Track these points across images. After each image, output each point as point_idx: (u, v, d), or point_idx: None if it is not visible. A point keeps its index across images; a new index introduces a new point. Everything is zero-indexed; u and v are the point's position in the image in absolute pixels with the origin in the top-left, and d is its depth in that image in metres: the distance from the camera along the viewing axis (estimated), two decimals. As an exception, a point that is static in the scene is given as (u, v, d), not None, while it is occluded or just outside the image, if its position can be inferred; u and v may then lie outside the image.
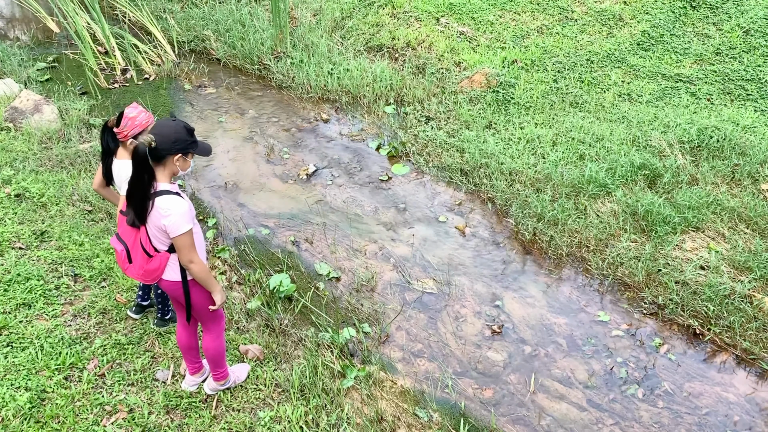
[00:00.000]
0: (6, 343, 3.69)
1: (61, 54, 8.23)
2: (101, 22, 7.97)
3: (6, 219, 4.81)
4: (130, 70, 7.87)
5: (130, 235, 3.06)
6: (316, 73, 7.48)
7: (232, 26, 8.25)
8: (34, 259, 4.45)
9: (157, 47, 8.19)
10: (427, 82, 7.20)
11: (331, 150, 6.55)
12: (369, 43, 8.01)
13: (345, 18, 8.40)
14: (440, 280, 4.92)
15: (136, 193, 2.86)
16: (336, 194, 5.93)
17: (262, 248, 5.26)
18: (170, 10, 8.81)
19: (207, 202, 5.80)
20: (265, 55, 7.88)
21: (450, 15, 7.95)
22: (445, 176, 6.10)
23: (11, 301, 4.01)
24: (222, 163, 6.32)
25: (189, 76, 7.83)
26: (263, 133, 6.79)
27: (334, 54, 7.76)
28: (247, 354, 3.97)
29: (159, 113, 7.03)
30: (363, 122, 6.95)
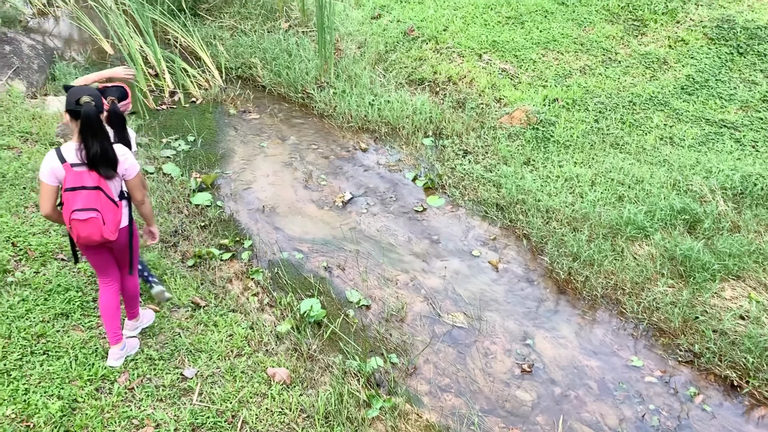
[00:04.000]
0: (43, 351, 3.78)
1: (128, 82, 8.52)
2: (154, 46, 8.26)
3: (51, 231, 4.96)
4: (178, 92, 8.11)
5: (95, 200, 3.31)
6: (358, 104, 7.59)
7: (279, 55, 8.46)
8: (74, 271, 4.57)
9: (206, 72, 8.44)
10: (466, 117, 7.24)
11: (367, 179, 6.61)
12: (411, 76, 8.12)
13: (389, 51, 8.54)
14: (471, 314, 4.89)
15: (108, 145, 3.30)
16: (370, 222, 5.97)
17: (295, 272, 5.30)
18: (220, 37, 9.09)
19: (244, 224, 5.89)
20: (308, 84, 8.04)
21: (493, 52, 8.02)
22: (480, 210, 6.09)
23: (50, 310, 4.11)
24: (261, 187, 6.43)
25: (234, 101, 8.03)
26: (302, 160, 6.89)
27: (376, 86, 7.88)
28: (274, 377, 3.99)
29: (204, 135, 7.21)
30: (401, 153, 7.01)
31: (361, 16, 9.35)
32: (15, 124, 6.51)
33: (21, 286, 4.26)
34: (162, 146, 6.96)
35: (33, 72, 7.77)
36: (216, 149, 7.03)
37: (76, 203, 3.27)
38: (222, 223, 5.87)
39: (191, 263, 5.22)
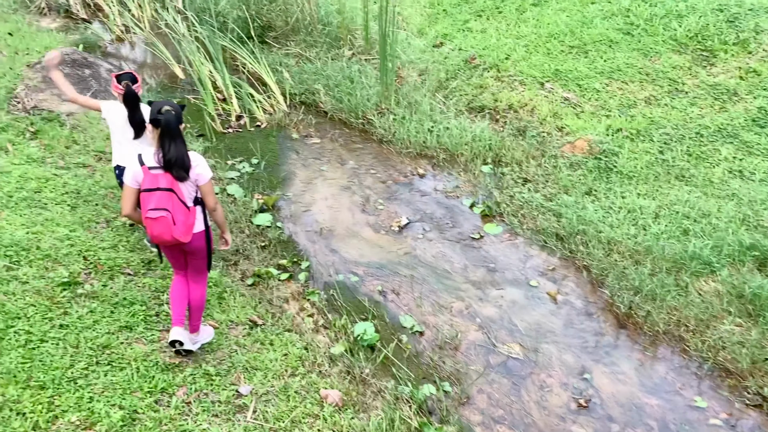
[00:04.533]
0: (107, 362, 3.92)
1: (183, 98, 8.88)
2: (223, 72, 8.58)
3: (119, 246, 5.18)
4: (244, 117, 8.38)
5: (167, 201, 3.60)
6: (417, 130, 7.65)
7: (342, 82, 8.64)
8: (139, 286, 4.74)
9: (271, 97, 8.68)
10: (527, 145, 7.19)
11: (424, 204, 6.63)
12: (471, 103, 8.14)
13: (449, 79, 8.60)
14: (527, 345, 4.80)
15: (184, 150, 3.62)
16: (426, 248, 5.97)
17: (350, 295, 5.35)
18: (286, 64, 9.35)
19: (302, 245, 5.99)
20: (369, 110, 8.17)
21: (555, 81, 7.97)
22: (539, 240, 6.01)
23: (116, 322, 4.27)
24: (320, 210, 6.54)
25: (297, 126, 8.22)
26: (360, 184, 6.98)
27: (435, 113, 7.93)
28: (327, 399, 4.01)
29: (267, 158, 7.41)
30: (459, 180, 7.01)
31: (423, 44, 9.47)
32: (90, 144, 6.86)
33: (90, 298, 4.44)
34: (227, 168, 7.19)
35: (109, 95, 8.16)
36: (278, 172, 7.20)
37: (150, 203, 3.59)
38: (281, 243, 5.99)
39: (250, 282, 5.34)
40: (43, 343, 3.92)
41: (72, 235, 5.07)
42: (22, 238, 4.79)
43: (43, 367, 3.72)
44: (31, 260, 4.61)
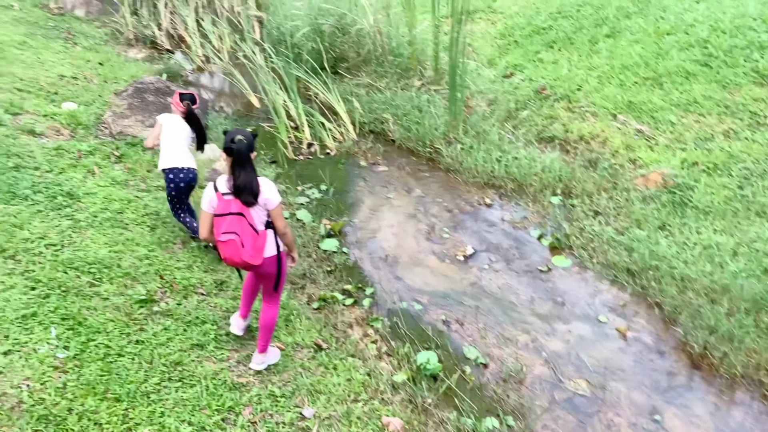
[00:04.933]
0: (178, 378, 4.06)
1: (258, 126, 9.20)
2: (296, 101, 8.86)
3: (194, 266, 5.38)
4: (315, 144, 8.60)
5: (237, 225, 3.75)
6: (485, 160, 7.65)
7: (410, 111, 8.75)
8: (212, 305, 4.91)
9: (341, 126, 8.89)
10: (598, 177, 7.06)
11: (491, 235, 6.59)
12: (541, 134, 8.07)
13: (519, 109, 8.57)
14: (595, 382, 4.67)
15: (254, 177, 3.76)
16: (492, 279, 5.92)
17: (413, 323, 5.35)
18: (356, 93, 9.57)
19: (367, 271, 6.06)
20: (437, 139, 8.23)
21: (628, 112, 7.81)
22: (609, 274, 5.86)
23: (188, 340, 4.43)
24: (385, 237, 6.60)
25: (365, 154, 8.37)
26: (426, 212, 7.01)
27: (504, 142, 7.91)
28: (388, 426, 4.01)
29: (335, 185, 7.56)
30: (527, 210, 6.94)
31: (493, 74, 9.49)
32: (170, 168, 7.18)
33: (164, 315, 4.63)
34: (297, 194, 7.38)
35: (189, 121, 8.56)
36: (346, 198, 7.33)
37: (222, 227, 3.78)
38: (347, 269, 6.07)
39: (316, 306, 5.43)
40: (120, 357, 4.10)
41: (150, 254, 5.31)
42: (105, 256, 5.06)
43: (119, 381, 3.89)
44: (112, 277, 4.85)
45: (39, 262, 4.74)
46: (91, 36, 11.64)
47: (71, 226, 5.33)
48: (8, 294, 4.31)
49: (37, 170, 6.05)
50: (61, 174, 6.14)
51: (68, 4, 13.06)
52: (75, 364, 3.92)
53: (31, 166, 6.07)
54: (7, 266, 4.59)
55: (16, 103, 7.35)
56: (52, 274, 4.63)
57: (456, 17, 8.24)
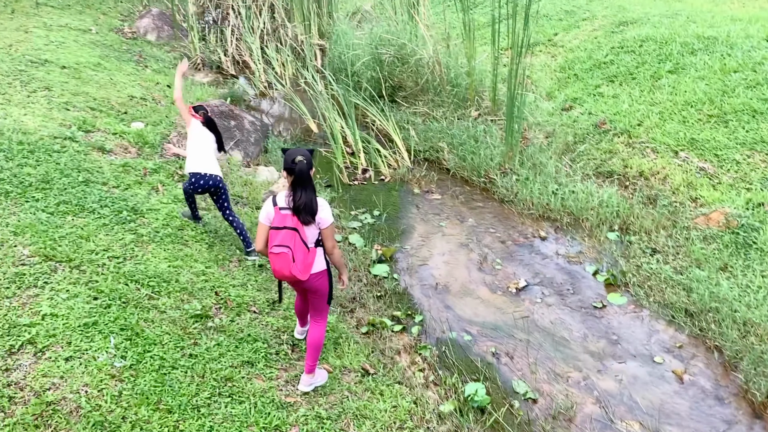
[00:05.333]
0: (228, 394, 4.13)
1: (315, 151, 9.39)
2: (353, 128, 9.01)
3: (248, 284, 5.49)
4: (369, 170, 8.70)
5: (290, 239, 3.89)
6: (540, 192, 7.58)
7: (466, 141, 8.78)
8: (263, 324, 4.98)
9: (396, 153, 8.98)
10: (657, 214, 6.89)
11: (544, 268, 6.49)
12: (599, 168, 7.96)
13: (577, 142, 8.48)
14: (648, 425, 4.51)
15: (313, 197, 3.91)
16: (544, 313, 5.82)
17: (462, 353, 5.30)
18: (413, 122, 9.67)
19: (417, 298, 6.05)
20: (492, 169, 8.21)
21: (691, 149, 7.63)
22: (666, 314, 5.68)
23: (239, 357, 4.50)
24: (436, 264, 6.59)
25: (419, 181, 8.41)
26: (479, 242, 6.97)
27: (561, 175, 7.83)
28: (433, 456, 3.96)
29: (388, 211, 7.62)
30: (582, 245, 6.82)
31: (552, 107, 9.44)
32: (229, 189, 7.39)
33: (218, 331, 4.72)
34: (350, 218, 7.46)
35: (250, 144, 8.82)
36: (398, 225, 7.37)
37: (276, 240, 3.92)
38: (396, 295, 6.08)
39: (365, 330, 5.44)
40: (174, 369, 4.20)
41: (207, 271, 5.45)
42: (164, 270, 5.22)
43: (171, 392, 3.98)
44: (170, 292, 4.99)
45: (102, 273, 4.92)
46: (161, 59, 12.16)
47: (134, 240, 5.53)
48: (72, 302, 4.49)
49: (104, 185, 6.31)
50: (127, 190, 6.39)
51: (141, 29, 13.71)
52: (131, 373, 4.03)
53: (100, 181, 6.35)
54: (73, 276, 4.79)
55: (89, 121, 7.72)
56: (114, 285, 4.80)
57: (516, 49, 8.27)
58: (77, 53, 10.43)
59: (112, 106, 8.64)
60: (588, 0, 12.04)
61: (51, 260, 4.87)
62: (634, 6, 11.39)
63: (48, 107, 7.79)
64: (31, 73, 8.84)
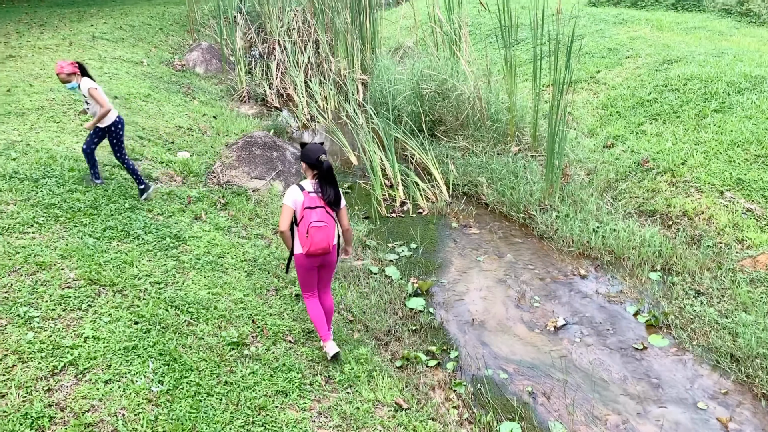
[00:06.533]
0: (261, 423, 4.14)
1: (354, 182, 9.49)
2: (393, 161, 9.09)
3: (285, 314, 5.53)
4: (407, 203, 8.74)
5: (325, 216, 4.66)
6: (580, 229, 7.48)
7: (505, 176, 8.76)
8: (298, 354, 5.00)
9: (435, 186, 9.01)
10: (701, 255, 6.72)
11: (584, 307, 6.37)
12: (641, 207, 7.83)
13: (619, 180, 8.38)
14: (691, 475, 4.33)
15: (338, 189, 4.77)
16: (582, 353, 5.70)
17: (498, 392, 5.21)
18: (452, 156, 9.71)
19: (452, 333, 5.99)
20: (531, 205, 8.16)
21: (737, 190, 7.46)
22: (710, 359, 5.50)
23: (273, 386, 4.52)
24: (473, 300, 6.53)
25: (457, 215, 8.40)
26: (517, 278, 6.90)
27: (602, 213, 7.73)
28: (465, 496, 3.88)
29: (425, 244, 7.62)
30: (623, 284, 6.68)
31: (593, 144, 9.37)
32: (270, 218, 7.51)
33: (253, 360, 4.76)
34: (387, 250, 7.48)
35: (291, 175, 8.96)
36: (435, 258, 7.35)
37: (314, 217, 4.62)
38: (432, 329, 6.04)
39: (399, 364, 5.41)
40: (209, 396, 4.24)
41: (245, 299, 5.52)
42: (204, 297, 5.31)
43: (206, 419, 4.01)
44: (209, 318, 5.07)
45: (144, 299, 5.03)
46: (208, 92, 12.54)
47: (175, 266, 5.65)
48: (114, 326, 4.59)
49: (149, 212, 6.49)
50: (171, 217, 6.55)
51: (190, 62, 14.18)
52: (167, 398, 4.08)
53: (145, 208, 6.53)
54: (115, 300, 4.91)
55: (137, 150, 7.98)
56: (155, 310, 4.90)
57: (557, 86, 8.27)
58: (129, 84, 10.83)
59: (160, 136, 8.92)
60: (631, 38, 12.00)
61: (95, 284, 5.01)
62: (678, 45, 11.30)
63: (99, 136, 8.08)
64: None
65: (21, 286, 4.78)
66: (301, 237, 4.66)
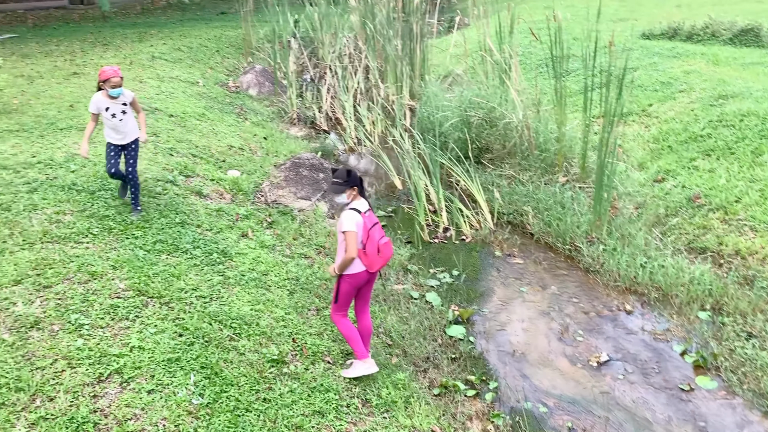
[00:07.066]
0: (297, 442, 4.16)
1: (398, 207, 9.53)
2: (437, 186, 9.11)
3: (324, 334, 5.56)
4: (450, 229, 8.72)
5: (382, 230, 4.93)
6: (627, 264, 7.33)
7: (552, 206, 8.66)
8: (336, 375, 5.01)
9: (479, 214, 8.97)
10: (754, 296, 6.50)
11: (628, 343, 6.22)
12: (691, 243, 7.63)
13: (669, 215, 8.19)
14: None
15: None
16: (626, 391, 5.54)
17: (537, 425, 5.11)
18: (498, 184, 9.66)
19: (492, 364, 5.92)
20: (578, 237, 8.04)
21: (794, 230, 7.20)
22: (762, 404, 5.28)
23: (311, 406, 4.54)
24: (514, 331, 6.45)
25: (501, 244, 8.34)
26: (561, 311, 6.78)
27: (650, 248, 7.56)
28: None
29: (468, 272, 7.57)
30: (670, 322, 6.50)
31: (643, 178, 9.21)
32: (314, 238, 7.60)
33: (292, 378, 4.79)
34: (429, 276, 7.46)
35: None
36: (477, 286, 7.30)
37: (378, 233, 4.87)
38: (471, 358, 5.98)
39: (437, 392, 5.36)
40: (248, 412, 4.28)
41: (286, 317, 5.58)
42: (246, 313, 5.39)
43: (243, 435, 4.05)
44: (250, 334, 5.14)
45: (189, 312, 5.14)
46: (260, 113, 12.84)
47: (221, 281, 5.76)
48: (159, 337, 4.70)
49: (198, 228, 6.65)
50: (219, 233, 6.70)
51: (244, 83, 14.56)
52: (207, 412, 4.14)
53: (194, 224, 6.69)
54: (162, 312, 5.03)
55: (190, 167, 8.21)
56: (199, 324, 4.99)
57: (608, 118, 8.18)
58: (184, 103, 11.18)
59: (212, 154, 9.16)
60: (686, 72, 11.80)
61: (143, 295, 5.14)
62: (735, 80, 11.06)
63: (154, 152, 8.35)
64: (143, 119, 9.53)
65: (74, 293, 4.94)
66: (372, 256, 4.78)
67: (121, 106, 6.19)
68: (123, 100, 6.20)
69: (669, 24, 15.08)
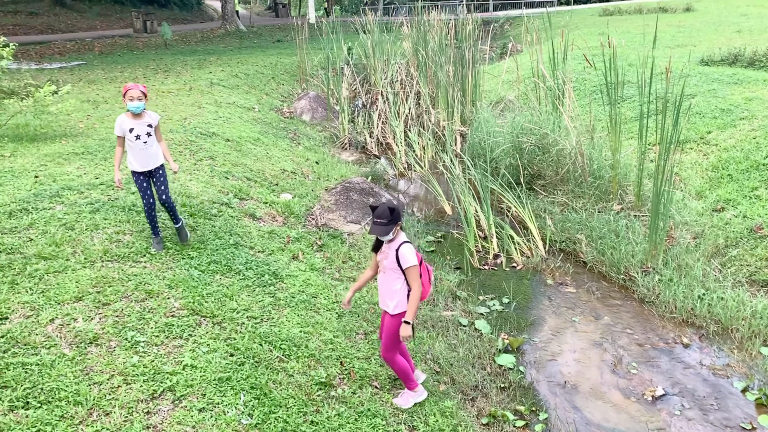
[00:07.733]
0: (343, 466, 4.15)
1: (447, 232, 9.50)
2: (488, 212, 9.05)
3: (372, 359, 5.56)
4: (501, 256, 8.63)
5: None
6: (685, 295, 7.09)
7: (606, 235, 8.49)
8: (383, 401, 5.00)
9: (530, 241, 8.86)
10: (822, 333, 6.19)
11: (685, 378, 5.99)
12: (753, 276, 7.34)
13: (729, 246, 7.91)
14: None
15: None
16: (683, 427, 5.33)
17: (589, 460, 4.96)
18: (550, 211, 9.54)
19: (543, 394, 5.79)
20: (632, 267, 7.84)
21: None
22: (831, 448, 5.00)
23: (357, 430, 4.53)
24: (566, 361, 6.30)
25: (553, 272, 8.20)
26: (614, 342, 6.60)
27: (709, 279, 7.30)
28: None
29: (518, 300, 7.47)
30: (730, 357, 6.24)
31: (702, 207, 8.94)
32: (363, 262, 7.64)
33: (339, 401, 4.80)
34: (478, 303, 7.39)
35: (386, 221, 9.11)
36: (527, 315, 7.18)
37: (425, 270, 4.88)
38: (521, 388, 5.86)
39: (485, 421, 5.28)
40: (295, 434, 4.30)
41: (335, 340, 5.61)
42: (296, 335, 5.44)
43: (290, 456, 4.07)
44: (299, 356, 5.18)
45: (240, 332, 5.23)
46: (312, 138, 13.08)
47: (272, 302, 5.85)
48: (211, 356, 4.79)
49: (251, 249, 6.78)
50: (271, 255, 6.82)
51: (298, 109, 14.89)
52: (255, 432, 4.19)
53: (247, 245, 6.83)
54: (214, 331, 5.13)
55: (244, 190, 8.41)
56: (250, 344, 5.07)
57: (664, 145, 8.01)
58: (240, 128, 11.50)
59: (266, 178, 9.36)
60: (747, 99, 11.46)
61: (197, 314, 5.26)
62: (800, 106, 10.68)
63: (210, 175, 8.60)
64: (200, 143, 9.85)
65: (131, 311, 5.10)
66: (426, 285, 4.88)
67: (146, 128, 5.90)
68: (148, 121, 5.93)
69: (729, 50, 14.72)
